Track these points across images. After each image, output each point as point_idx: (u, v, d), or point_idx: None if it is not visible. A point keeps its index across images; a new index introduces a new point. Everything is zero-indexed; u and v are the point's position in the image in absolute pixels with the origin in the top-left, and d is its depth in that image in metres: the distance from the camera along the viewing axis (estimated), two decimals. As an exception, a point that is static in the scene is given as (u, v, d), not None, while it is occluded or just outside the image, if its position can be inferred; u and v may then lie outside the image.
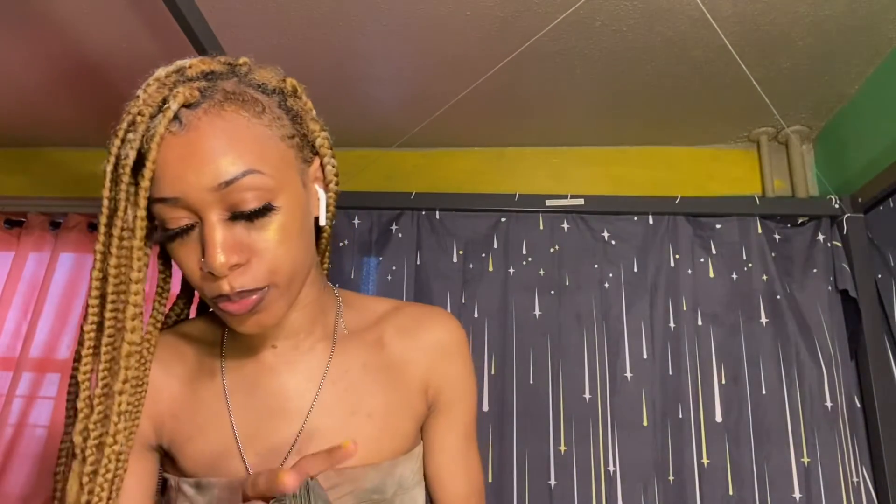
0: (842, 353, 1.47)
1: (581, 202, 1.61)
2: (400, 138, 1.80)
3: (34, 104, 1.79)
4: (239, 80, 0.60)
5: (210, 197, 0.55)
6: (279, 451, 0.64)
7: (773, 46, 1.44)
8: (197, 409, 0.67)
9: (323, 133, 0.67)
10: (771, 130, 1.81)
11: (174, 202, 0.56)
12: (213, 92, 0.57)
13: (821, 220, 1.58)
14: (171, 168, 0.55)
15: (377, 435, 0.67)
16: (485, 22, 1.39)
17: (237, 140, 0.56)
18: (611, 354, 1.51)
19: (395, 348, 0.73)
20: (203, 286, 0.59)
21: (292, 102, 0.64)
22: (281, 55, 1.52)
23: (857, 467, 1.39)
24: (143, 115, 0.56)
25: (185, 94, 0.55)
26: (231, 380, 0.68)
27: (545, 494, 1.42)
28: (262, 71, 0.64)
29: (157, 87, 0.57)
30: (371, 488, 0.65)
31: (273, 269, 0.58)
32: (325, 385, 0.68)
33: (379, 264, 1.62)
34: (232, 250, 0.56)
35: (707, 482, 1.40)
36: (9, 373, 1.79)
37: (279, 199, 0.58)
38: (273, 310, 0.60)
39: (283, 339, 0.69)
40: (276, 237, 0.58)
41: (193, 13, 1.07)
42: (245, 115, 0.57)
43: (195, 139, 0.55)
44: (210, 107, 0.56)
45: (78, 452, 0.59)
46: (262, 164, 0.57)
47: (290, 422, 0.66)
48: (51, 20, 1.43)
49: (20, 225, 1.97)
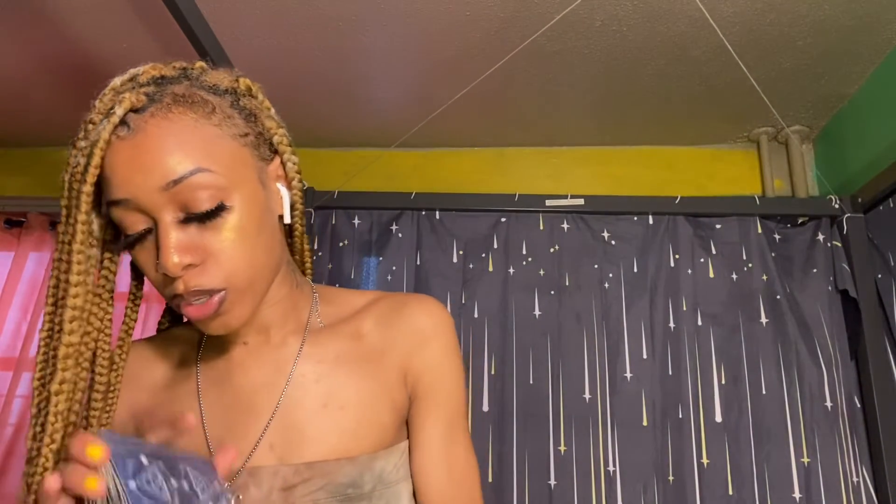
0: (842, 353, 1.47)
1: (581, 202, 1.61)
2: (400, 138, 1.80)
3: (34, 104, 1.80)
4: (190, 83, 0.61)
5: (161, 198, 0.56)
6: (248, 447, 0.65)
7: (773, 46, 1.44)
8: (172, 408, 0.68)
9: (280, 130, 0.67)
10: (771, 130, 1.81)
11: (126, 204, 0.56)
12: (162, 96, 0.58)
13: (821, 220, 1.58)
14: (121, 171, 0.56)
15: (352, 427, 0.66)
16: (485, 22, 1.39)
17: (185, 140, 0.57)
18: (611, 354, 1.51)
19: (374, 338, 0.71)
20: (162, 288, 0.59)
21: (246, 102, 0.64)
22: (281, 55, 1.52)
23: (857, 467, 1.39)
24: (93, 123, 0.57)
25: (132, 100, 0.56)
26: (204, 378, 0.69)
27: (545, 494, 1.42)
28: (215, 73, 0.64)
29: (111, 95, 0.59)
30: (346, 483, 0.64)
31: (230, 270, 0.58)
32: (294, 378, 0.67)
33: (379, 264, 1.62)
34: (186, 251, 0.56)
35: (707, 482, 1.40)
36: (9, 373, 1.79)
37: (232, 199, 0.58)
38: (236, 312, 0.60)
39: (254, 335, 0.69)
40: (232, 237, 0.58)
41: (193, 13, 1.07)
42: (193, 115, 0.58)
43: (142, 141, 0.56)
44: (157, 110, 0.57)
45: (27, 456, 0.59)
46: (212, 163, 0.57)
47: (259, 417, 0.66)
48: (51, 20, 1.43)
49: (20, 225, 1.97)
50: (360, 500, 0.64)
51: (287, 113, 0.66)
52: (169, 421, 0.57)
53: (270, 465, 0.63)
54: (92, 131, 0.57)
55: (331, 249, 1.64)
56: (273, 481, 0.63)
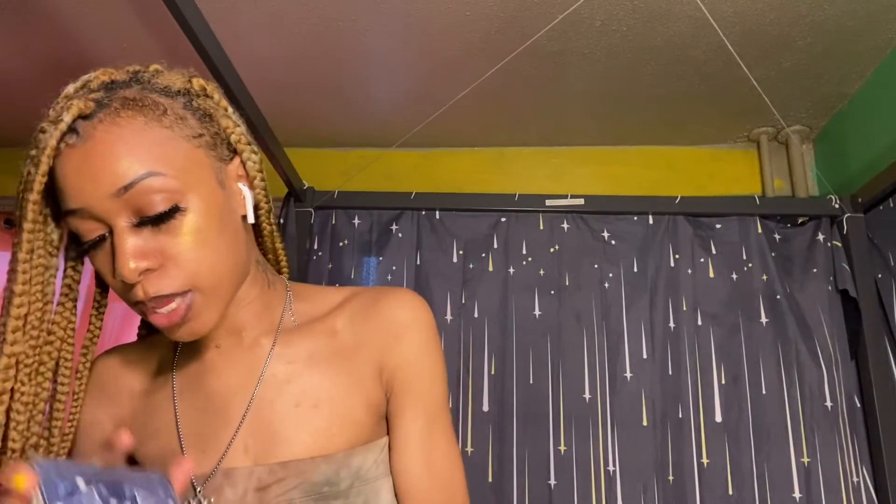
0: (842, 353, 1.47)
1: (581, 202, 1.61)
2: (400, 138, 1.80)
3: (35, 104, 1.79)
4: (142, 86, 0.60)
5: (113, 205, 0.55)
6: (219, 449, 0.65)
7: (773, 46, 1.44)
8: (151, 414, 0.68)
9: (238, 129, 0.65)
10: (771, 130, 1.81)
11: (80, 213, 0.56)
12: (111, 101, 0.57)
13: (821, 220, 1.58)
14: (71, 179, 0.55)
15: (325, 425, 0.65)
16: (485, 22, 1.39)
17: (134, 145, 0.56)
18: (611, 354, 1.51)
19: (347, 335, 0.70)
20: (123, 296, 0.59)
21: (200, 102, 0.63)
22: (281, 55, 1.52)
23: (857, 467, 1.39)
24: (43, 132, 0.56)
25: (80, 106, 0.56)
26: (180, 382, 0.69)
27: (545, 494, 1.42)
28: (169, 74, 0.63)
29: (63, 102, 0.58)
30: (322, 481, 0.63)
31: (193, 272, 0.58)
32: (266, 378, 0.67)
33: (379, 264, 1.62)
34: (142, 256, 0.56)
35: (707, 482, 1.40)
36: (9, 373, 1.79)
37: (187, 200, 0.57)
38: (204, 317, 0.60)
39: (226, 337, 0.69)
40: (191, 240, 0.57)
41: (193, 13, 1.07)
42: (142, 119, 0.57)
43: (90, 148, 0.55)
44: (105, 115, 0.56)
45: None
46: (164, 165, 0.56)
47: (232, 419, 0.66)
48: (51, 20, 1.43)
49: (20, 225, 1.97)
50: (336, 497, 0.64)
51: (287, 113, 0.66)
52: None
53: (245, 467, 0.63)
54: (41, 140, 0.56)
55: (331, 249, 1.64)
56: (248, 482, 0.63)
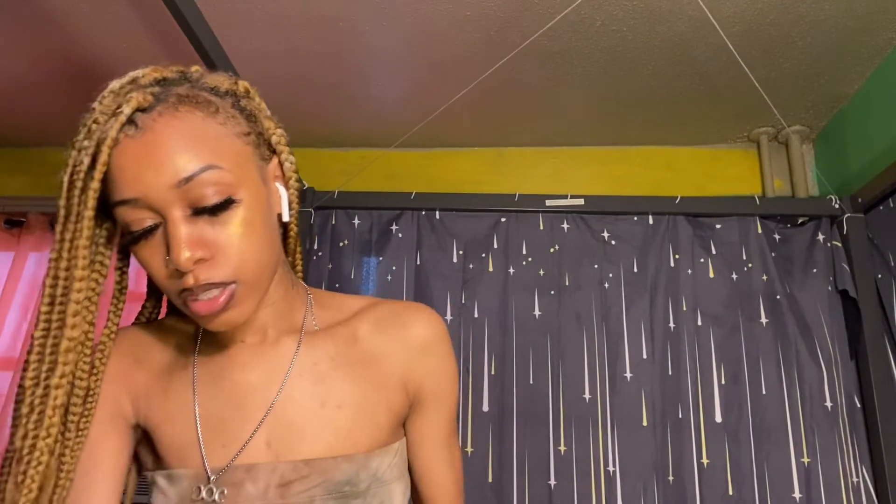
0: (842, 353, 1.47)
1: (581, 202, 1.61)
2: (400, 138, 1.80)
3: (35, 104, 1.80)
4: (191, 85, 0.62)
5: (171, 195, 0.56)
6: (239, 443, 0.65)
7: (773, 46, 1.44)
8: (168, 397, 0.68)
9: (279, 131, 0.68)
10: (771, 130, 1.81)
11: (135, 203, 0.57)
12: (167, 95, 0.59)
13: (821, 220, 1.58)
14: (130, 170, 0.56)
15: (349, 426, 0.67)
16: (485, 22, 1.39)
17: (194, 138, 0.58)
18: (611, 354, 1.51)
19: (370, 342, 0.73)
20: (169, 284, 0.60)
21: (245, 103, 0.65)
22: (281, 55, 1.52)
23: (857, 467, 1.39)
24: (97, 123, 0.57)
25: (139, 99, 0.57)
26: (201, 372, 0.69)
27: (545, 494, 1.42)
28: (214, 76, 0.66)
29: (111, 97, 0.59)
30: (343, 480, 0.65)
31: (239, 263, 0.59)
32: (292, 377, 0.68)
33: (379, 264, 1.62)
34: (196, 245, 0.57)
35: (707, 482, 1.40)
36: (9, 373, 1.79)
37: (240, 193, 0.59)
38: (242, 307, 0.61)
39: (252, 333, 0.70)
40: (240, 231, 0.59)
41: (193, 13, 1.07)
42: (200, 114, 0.59)
43: (151, 140, 0.56)
44: (164, 109, 0.58)
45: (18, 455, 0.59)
46: (220, 159, 0.58)
47: (253, 414, 0.66)
48: (51, 20, 1.43)
49: (20, 225, 1.97)
50: (355, 497, 0.65)
51: (287, 113, 0.67)
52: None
53: (268, 462, 0.64)
54: (96, 130, 0.57)
55: (331, 249, 1.64)
56: (270, 478, 0.63)
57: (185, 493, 0.63)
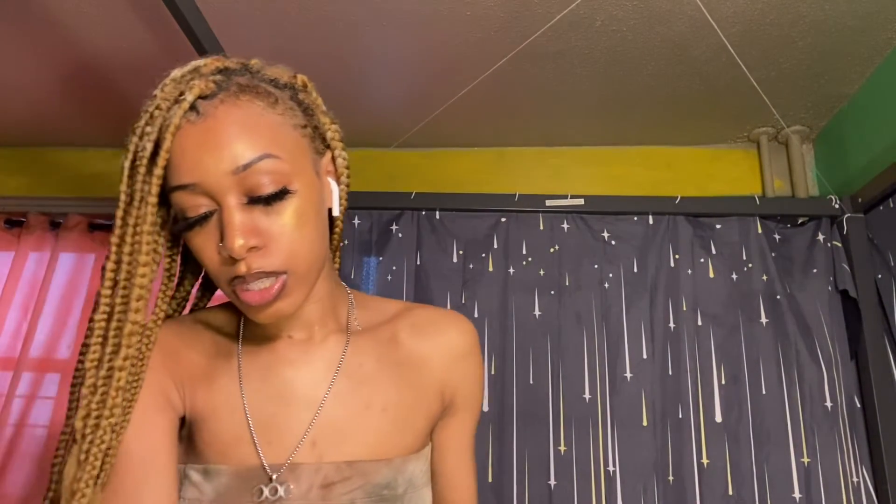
0: (842, 353, 1.47)
1: (581, 202, 1.61)
2: (400, 138, 1.80)
3: (34, 104, 1.80)
4: (252, 76, 0.64)
5: (227, 182, 0.57)
6: (292, 440, 0.65)
7: (773, 46, 1.44)
8: (213, 391, 0.67)
9: (333, 126, 0.69)
10: (771, 130, 1.81)
11: (192, 188, 0.58)
12: (229, 84, 0.60)
13: (821, 221, 1.58)
14: (189, 155, 0.57)
15: (390, 430, 0.67)
16: (485, 22, 1.39)
17: (253, 126, 0.58)
18: (611, 354, 1.51)
19: (410, 346, 0.73)
20: (221, 272, 0.60)
21: (303, 96, 0.67)
22: (281, 55, 1.51)
23: (857, 467, 1.39)
24: (160, 109, 0.58)
25: (201, 86, 0.58)
26: (246, 366, 0.68)
27: (545, 494, 1.42)
28: (273, 68, 0.67)
29: (173, 85, 0.60)
30: (382, 483, 0.65)
31: (291, 253, 0.59)
32: (340, 377, 0.68)
33: (379, 264, 1.62)
34: (250, 233, 0.57)
35: (707, 482, 1.40)
36: (9, 373, 1.79)
37: (295, 184, 0.60)
38: (292, 298, 0.61)
39: (298, 329, 0.70)
40: (293, 222, 0.59)
41: (193, 13, 1.07)
42: (260, 104, 0.60)
43: (212, 126, 0.57)
44: (226, 97, 0.59)
45: (78, 437, 0.59)
46: (278, 149, 0.59)
47: (303, 411, 0.66)
48: (51, 20, 1.43)
49: (20, 225, 1.97)
50: (393, 501, 0.66)
51: (287, 113, 0.68)
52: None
53: (311, 463, 0.64)
54: (158, 117, 0.58)
55: (331, 249, 1.64)
56: (314, 478, 0.63)
57: (223, 488, 0.63)
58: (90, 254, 1.93)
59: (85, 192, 1.95)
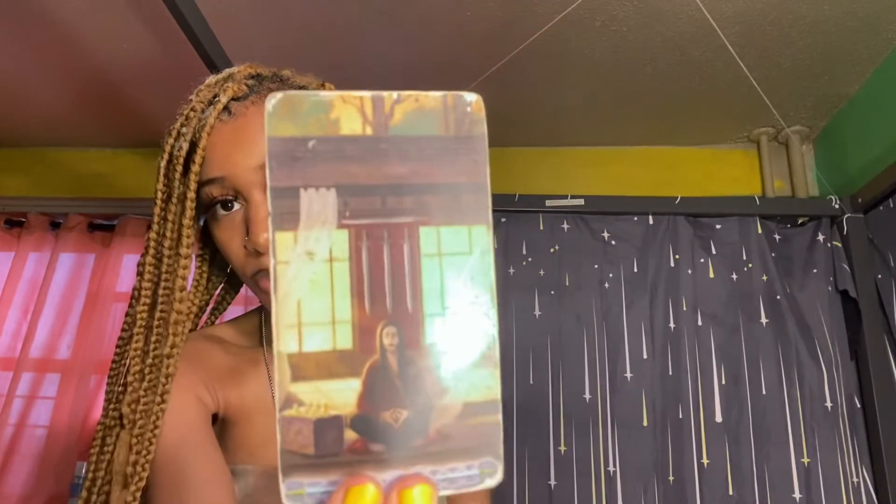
0: (842, 354, 1.47)
1: (581, 202, 1.61)
2: (400, 138, 1.80)
3: (35, 105, 1.79)
4: (282, 82, 0.67)
5: (255, 176, 0.59)
6: None
7: (773, 46, 1.44)
8: (244, 396, 0.67)
9: None
10: (771, 130, 1.81)
11: (221, 182, 0.60)
12: (260, 88, 0.64)
13: (821, 221, 1.58)
14: (219, 150, 0.60)
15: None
16: (485, 22, 1.39)
17: None
18: (611, 354, 1.51)
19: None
20: (246, 264, 0.62)
21: None
22: (281, 55, 1.51)
23: (857, 467, 1.39)
24: (195, 111, 0.62)
25: (234, 89, 0.62)
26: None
27: (545, 494, 1.42)
28: (303, 77, 0.71)
29: (207, 90, 0.64)
30: None
31: None
32: None
33: (379, 264, 1.62)
34: None
35: (707, 482, 1.40)
36: (9, 373, 1.79)
37: None
38: None
39: None
40: None
41: (194, 14, 1.07)
42: None
43: (242, 124, 0.60)
44: (257, 98, 0.62)
45: (127, 422, 0.61)
46: None
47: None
48: (52, 21, 1.43)
49: (20, 225, 1.97)
50: None
51: (287, 113, 0.68)
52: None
53: None
54: (194, 118, 0.61)
55: (331, 249, 1.64)
56: None
57: (250, 488, 0.63)
58: (90, 254, 1.93)
59: (85, 193, 1.95)
